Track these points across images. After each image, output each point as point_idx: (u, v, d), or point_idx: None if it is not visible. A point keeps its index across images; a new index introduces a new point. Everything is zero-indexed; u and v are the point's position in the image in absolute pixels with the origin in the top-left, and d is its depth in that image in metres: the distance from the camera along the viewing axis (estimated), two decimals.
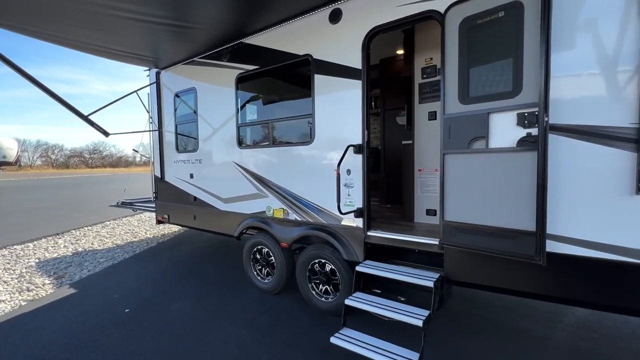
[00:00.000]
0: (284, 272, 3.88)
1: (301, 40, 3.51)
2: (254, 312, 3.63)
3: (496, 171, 2.28)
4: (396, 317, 2.48)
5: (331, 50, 3.27)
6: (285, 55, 3.65)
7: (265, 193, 3.96)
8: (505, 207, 2.24)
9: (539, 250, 2.10)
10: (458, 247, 2.50)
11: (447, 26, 2.48)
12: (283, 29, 3.68)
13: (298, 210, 3.65)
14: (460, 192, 2.46)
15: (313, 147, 3.48)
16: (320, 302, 3.55)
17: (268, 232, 3.98)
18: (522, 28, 2.14)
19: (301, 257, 3.68)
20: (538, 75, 2.08)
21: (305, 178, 3.56)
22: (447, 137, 2.51)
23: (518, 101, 2.18)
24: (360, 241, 3.17)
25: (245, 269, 4.33)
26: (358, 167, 3.13)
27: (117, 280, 4.71)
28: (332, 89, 3.28)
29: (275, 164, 3.85)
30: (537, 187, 2.09)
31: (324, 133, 3.38)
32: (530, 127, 2.13)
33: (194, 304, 3.86)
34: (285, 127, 3.80)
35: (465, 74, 2.42)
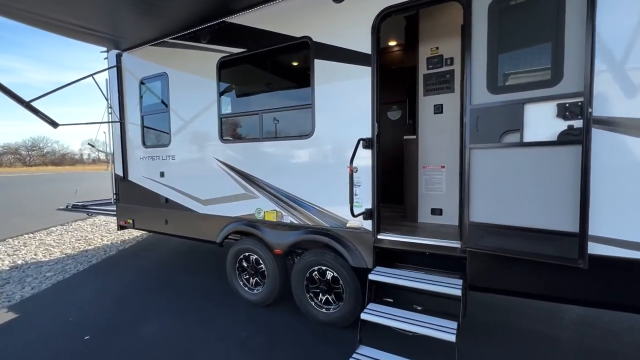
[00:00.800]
0: (277, 282, 3.47)
1: (298, 21, 3.11)
2: (245, 329, 3.18)
3: (533, 167, 2.08)
4: (424, 332, 2.20)
5: (335, 32, 2.91)
6: (279, 37, 3.22)
7: (255, 193, 3.51)
8: (542, 207, 2.05)
9: (582, 252, 1.93)
10: (486, 251, 2.28)
11: (475, 8, 2.25)
12: (276, 7, 3.24)
13: (295, 212, 3.26)
14: (489, 190, 2.24)
15: (313, 142, 3.10)
16: (320, 313, 3.20)
17: (258, 237, 3.54)
18: (563, 7, 1.95)
19: (298, 265, 3.30)
20: (582, 61, 1.90)
21: (304, 176, 3.18)
22: (475, 130, 2.28)
23: (558, 90, 1.99)
24: (369, 245, 2.87)
25: (230, 278, 3.84)
26: (367, 164, 2.82)
27: (71, 299, 3.96)
28: (336, 76, 2.93)
29: (267, 160, 3.41)
30: (580, 184, 1.92)
31: (326, 125, 3.02)
32: (572, 119, 1.96)
33: (171, 323, 3.31)
34: (279, 119, 3.38)
35: (495, 60, 2.20)
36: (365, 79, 2.78)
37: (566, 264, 1.99)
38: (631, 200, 1.91)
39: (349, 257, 2.92)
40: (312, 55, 3.04)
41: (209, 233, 3.92)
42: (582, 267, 1.94)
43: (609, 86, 1.91)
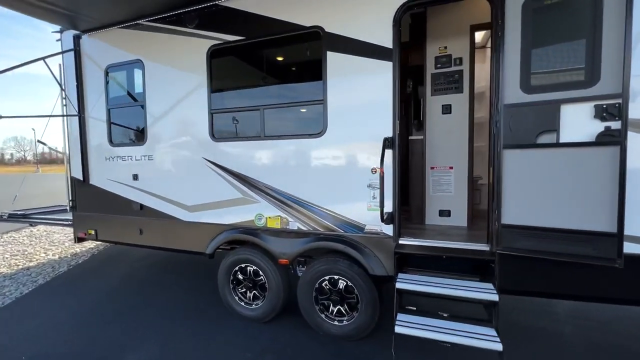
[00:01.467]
0: (281, 294, 3.16)
1: (307, 8, 2.85)
2: (249, 350, 2.83)
3: (570, 168, 2.08)
4: (468, 342, 2.09)
5: (350, 23, 2.71)
6: (284, 26, 2.93)
7: (254, 198, 3.16)
8: (579, 208, 2.06)
9: (619, 252, 1.96)
10: (520, 253, 2.24)
11: (508, 7, 2.19)
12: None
13: (303, 218, 2.98)
14: (524, 191, 2.21)
15: (325, 140, 2.86)
16: (333, 326, 2.96)
17: (258, 246, 3.19)
18: (601, 6, 1.97)
19: (306, 275, 3.02)
20: (620, 62, 1.93)
21: (315, 178, 2.92)
22: (508, 130, 2.23)
23: (596, 91, 2.01)
24: (389, 251, 2.70)
25: (223, 293, 3.43)
26: (388, 165, 2.65)
27: (21, 331, 3.23)
28: (352, 70, 2.72)
29: (269, 160, 3.09)
30: (618, 185, 1.94)
31: (340, 123, 2.80)
32: (610, 121, 1.98)
33: (159, 352, 2.83)
34: (283, 115, 3.07)
35: (529, 60, 2.17)
36: (386, 75, 2.61)
37: (604, 264, 2.01)
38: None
39: (367, 264, 2.72)
40: (324, 47, 2.80)
41: (196, 243, 3.46)
42: (619, 266, 1.97)
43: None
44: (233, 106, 3.30)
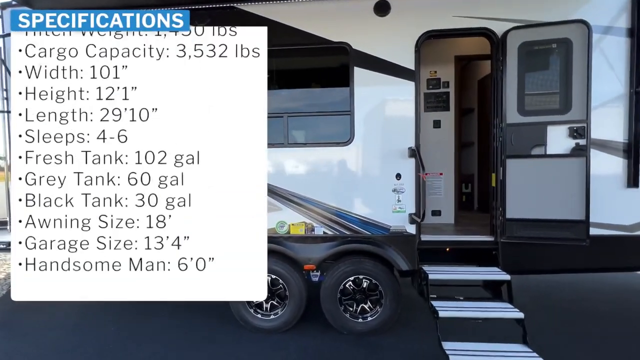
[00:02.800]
0: (303, 301, 3.19)
1: (334, 24, 3.03)
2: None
3: (553, 173, 2.77)
4: (495, 315, 2.57)
5: (377, 43, 3.00)
6: (311, 38, 3.04)
7: (276, 205, 3.13)
8: (561, 203, 2.76)
9: (587, 234, 2.71)
10: (520, 240, 2.85)
11: (509, 46, 2.81)
12: (305, 5, 3.06)
13: (330, 223, 3.10)
14: (521, 192, 2.83)
15: (352, 148, 3.06)
16: (357, 324, 3.14)
17: (279, 254, 3.16)
18: (570, 59, 2.72)
19: (330, 278, 3.13)
20: (584, 96, 2.69)
21: (342, 185, 3.08)
22: (510, 143, 2.83)
23: (569, 117, 2.74)
24: (412, 248, 3.04)
25: (236, 308, 3.23)
26: (410, 171, 3.01)
27: None
28: (378, 86, 3.01)
29: (294, 168, 3.12)
30: (585, 185, 2.69)
31: (367, 133, 3.04)
32: (579, 139, 2.73)
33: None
34: (309, 123, 3.15)
35: (523, 89, 2.81)
36: (409, 92, 2.98)
37: (577, 244, 2.74)
38: (605, 195, 2.79)
39: (395, 262, 3.01)
40: (351, 62, 3.01)
41: None
42: (586, 245, 2.71)
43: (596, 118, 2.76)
44: None
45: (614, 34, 2.83)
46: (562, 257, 2.90)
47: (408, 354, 2.86)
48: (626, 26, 2.83)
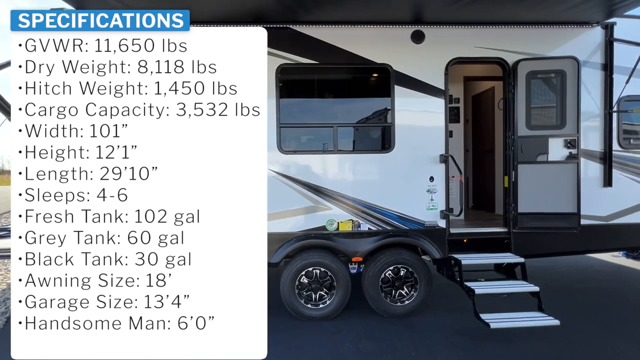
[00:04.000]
0: (349, 290, 3.60)
1: (378, 48, 3.51)
2: (344, 341, 3.17)
3: (553, 176, 3.49)
4: (517, 290, 3.21)
5: (414, 66, 3.53)
6: (357, 58, 3.49)
7: (326, 205, 3.52)
8: (559, 199, 3.48)
9: (579, 223, 3.45)
10: (528, 230, 3.52)
11: (519, 74, 3.49)
12: (353, 30, 3.50)
13: (374, 220, 3.55)
14: (530, 191, 3.51)
15: (393, 155, 3.54)
16: (396, 307, 3.62)
17: (328, 249, 3.54)
18: (565, 86, 3.46)
19: (373, 268, 3.58)
20: (575, 115, 3.44)
21: (384, 186, 3.55)
22: (520, 152, 3.50)
23: (564, 131, 3.48)
24: (443, 239, 3.60)
25: (289, 300, 3.54)
26: (441, 175, 3.57)
27: None
28: (415, 103, 3.54)
29: (342, 171, 3.53)
30: (577, 185, 3.44)
31: (405, 142, 3.55)
32: (572, 149, 3.47)
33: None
34: (355, 133, 3.58)
35: (530, 109, 3.51)
36: (440, 107, 3.55)
37: (571, 232, 3.47)
38: (588, 192, 3.57)
39: (430, 251, 3.54)
40: (392, 81, 3.51)
41: None
42: (577, 232, 3.46)
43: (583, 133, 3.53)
44: (304, 122, 3.57)
45: (591, 67, 3.64)
46: (559, 243, 3.64)
47: (443, 328, 3.40)
48: (600, 61, 3.65)
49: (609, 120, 3.61)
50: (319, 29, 3.48)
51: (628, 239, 3.80)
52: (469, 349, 3.04)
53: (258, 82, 1.82)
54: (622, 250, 4.89)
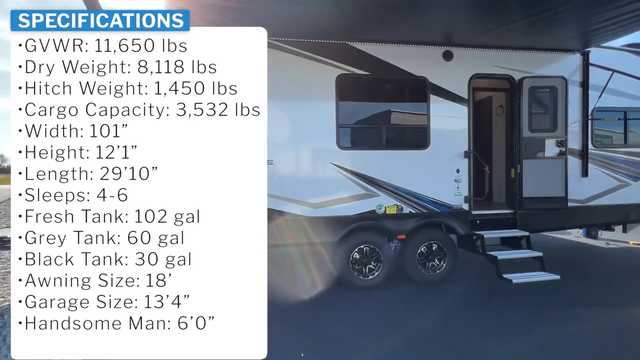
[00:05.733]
0: (392, 263, 4.35)
1: (416, 63, 4.29)
2: (399, 303, 3.92)
3: (549, 168, 4.49)
4: (527, 255, 4.15)
5: (445, 79, 4.35)
6: (399, 71, 4.25)
7: (376, 192, 4.23)
8: (553, 186, 4.49)
9: (566, 204, 4.49)
10: (530, 211, 4.50)
11: (524, 88, 4.45)
12: (398, 48, 4.25)
13: (413, 204, 4.33)
14: (532, 179, 4.49)
15: (429, 152, 4.35)
16: (430, 276, 4.43)
17: (377, 228, 4.26)
18: (556, 99, 4.48)
19: (413, 244, 4.36)
20: (563, 120, 4.47)
21: (422, 176, 4.35)
22: (524, 149, 4.47)
23: (556, 134, 4.50)
24: (466, 219, 4.47)
25: (344, 274, 4.20)
26: (465, 167, 4.44)
27: None
28: (446, 108, 4.37)
29: (388, 165, 4.27)
30: (565, 175, 4.48)
31: (439, 141, 4.36)
32: (561, 147, 4.50)
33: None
34: (398, 132, 4.33)
35: (532, 116, 4.49)
36: (464, 113, 4.41)
37: (561, 211, 4.50)
38: (572, 182, 4.63)
39: (458, 228, 4.39)
40: (428, 90, 4.31)
41: (319, 234, 4.12)
42: (565, 211, 4.50)
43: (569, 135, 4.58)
44: (359, 122, 4.25)
45: (573, 84, 4.71)
46: (551, 220, 4.68)
47: (470, 288, 4.27)
48: (579, 80, 4.73)
49: (585, 125, 4.70)
50: (370, 46, 4.18)
51: (599, 217, 4.94)
52: (494, 302, 3.92)
53: (258, 82, 1.79)
54: (595, 227, 6.07)
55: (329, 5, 3.53)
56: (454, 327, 3.35)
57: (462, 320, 3.47)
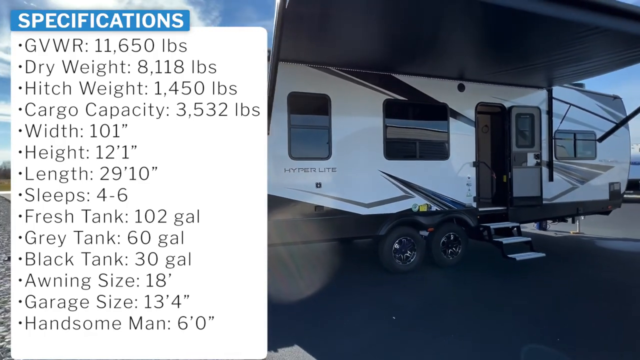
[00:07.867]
0: (424, 251, 5.42)
1: (440, 93, 5.47)
2: (433, 284, 4.98)
3: (529, 175, 5.98)
4: (519, 240, 5.50)
5: (460, 105, 5.60)
6: (428, 98, 5.39)
7: (412, 194, 5.28)
8: (532, 188, 5.98)
9: (541, 202, 6.02)
10: (519, 207, 5.93)
11: (512, 115, 5.90)
12: (427, 80, 5.39)
13: (439, 204, 5.46)
14: (519, 183, 5.93)
15: (449, 161, 5.54)
16: (449, 260, 5.59)
17: (414, 223, 5.30)
18: (534, 122, 6.00)
19: (438, 235, 5.48)
20: (539, 141, 6.01)
21: (444, 181, 5.51)
22: (513, 160, 5.91)
23: (534, 149, 6.01)
24: (474, 215, 5.73)
25: (388, 262, 5.15)
26: (474, 174, 5.72)
27: None
28: (460, 128, 5.61)
29: (421, 172, 5.35)
30: (540, 180, 6.00)
31: (456, 153, 5.58)
32: (538, 159, 6.03)
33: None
34: (427, 146, 5.44)
35: (517, 134, 5.95)
36: (473, 131, 5.70)
37: (537, 207, 6.01)
38: (544, 185, 6.18)
39: (470, 222, 5.63)
40: (448, 114, 5.52)
41: (369, 229, 5.03)
42: (540, 207, 6.02)
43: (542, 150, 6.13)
44: (400, 138, 5.27)
45: (543, 112, 6.31)
46: (532, 214, 6.18)
47: (479, 269, 5.51)
48: (546, 109, 6.36)
49: (551, 143, 6.33)
50: (408, 77, 5.25)
51: (561, 211, 6.60)
52: (501, 276, 5.19)
53: (258, 82, 1.79)
54: (557, 219, 7.77)
55: (382, 46, 4.51)
56: (491, 288, 4.52)
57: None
